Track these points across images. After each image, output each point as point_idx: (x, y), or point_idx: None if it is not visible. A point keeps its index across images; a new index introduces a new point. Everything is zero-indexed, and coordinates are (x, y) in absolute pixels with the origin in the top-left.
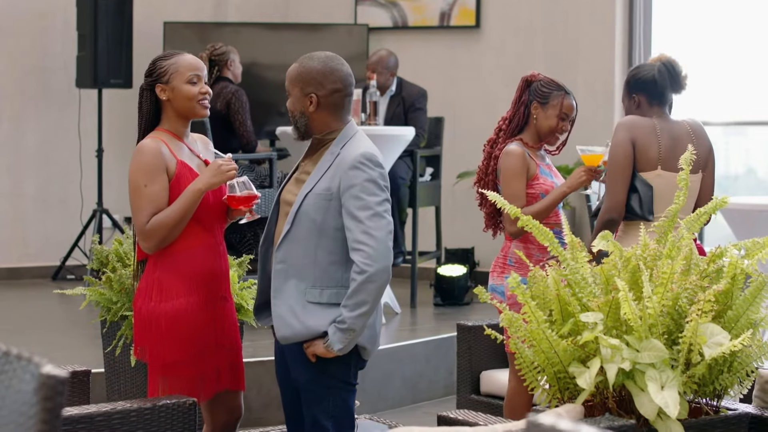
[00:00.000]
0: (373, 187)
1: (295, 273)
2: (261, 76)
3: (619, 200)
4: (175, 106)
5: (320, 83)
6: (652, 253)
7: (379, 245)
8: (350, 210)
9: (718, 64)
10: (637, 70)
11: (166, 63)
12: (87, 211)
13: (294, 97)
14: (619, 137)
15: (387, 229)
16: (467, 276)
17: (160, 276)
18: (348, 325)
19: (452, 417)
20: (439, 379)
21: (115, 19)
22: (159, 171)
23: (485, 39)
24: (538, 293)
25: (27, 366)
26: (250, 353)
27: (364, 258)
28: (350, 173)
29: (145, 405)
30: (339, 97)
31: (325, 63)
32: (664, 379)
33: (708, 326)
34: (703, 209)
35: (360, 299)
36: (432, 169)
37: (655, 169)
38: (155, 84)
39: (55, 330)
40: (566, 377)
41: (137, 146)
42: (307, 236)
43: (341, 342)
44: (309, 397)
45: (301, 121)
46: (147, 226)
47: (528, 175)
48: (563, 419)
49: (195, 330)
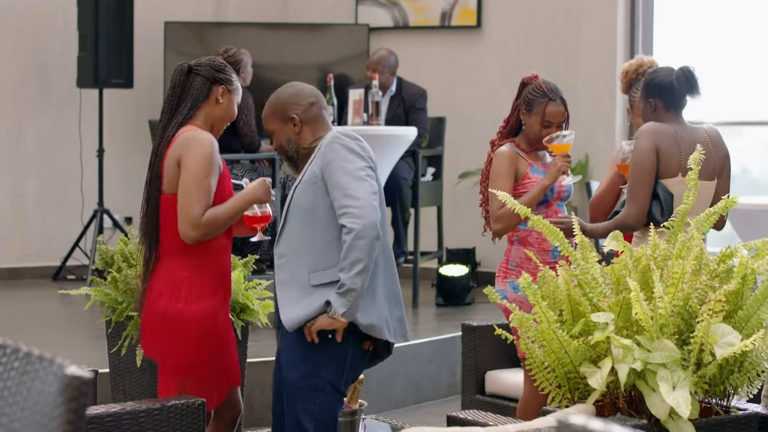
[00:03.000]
0: (350, 155)
1: (295, 263)
2: (261, 76)
3: (644, 208)
4: (216, 113)
5: (295, 103)
6: (663, 254)
7: (363, 203)
8: (333, 180)
9: (714, 64)
10: (654, 74)
11: (235, 77)
12: (87, 211)
13: (278, 132)
14: (643, 145)
15: (370, 190)
16: (469, 276)
17: (190, 276)
18: (348, 286)
19: (462, 417)
20: (442, 379)
21: (115, 19)
22: (217, 166)
23: (486, 39)
24: (548, 293)
25: (50, 367)
26: (254, 353)
27: (350, 219)
28: (327, 150)
29: (155, 405)
30: (316, 108)
31: (291, 86)
32: (676, 379)
33: (719, 326)
34: (713, 209)
35: (353, 258)
36: (433, 169)
37: (675, 176)
38: (219, 83)
39: (57, 330)
40: (577, 377)
41: (197, 135)
42: (301, 225)
43: (344, 305)
44: (295, 395)
45: (291, 148)
46: (203, 218)
47: (517, 175)
48: (594, 419)
49: (222, 331)
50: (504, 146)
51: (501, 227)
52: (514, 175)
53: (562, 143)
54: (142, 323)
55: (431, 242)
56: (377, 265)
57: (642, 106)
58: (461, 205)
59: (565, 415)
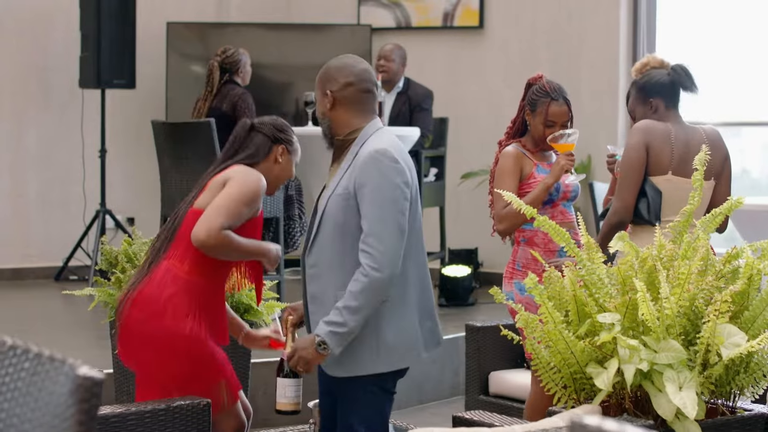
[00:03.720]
0: (385, 183)
1: (326, 276)
2: (263, 77)
3: (629, 203)
4: (275, 171)
5: (334, 78)
6: (669, 254)
7: (388, 249)
8: (364, 208)
9: (714, 65)
10: (649, 77)
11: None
12: (90, 211)
13: (318, 100)
14: (633, 141)
15: (398, 236)
16: (471, 277)
17: (177, 293)
18: (349, 329)
19: (468, 418)
20: (445, 380)
21: (117, 20)
22: (256, 204)
23: (489, 39)
24: (554, 294)
25: (61, 367)
26: (257, 354)
27: (371, 262)
28: (363, 171)
29: (160, 406)
30: (353, 91)
31: (341, 59)
32: (682, 379)
33: (725, 327)
34: (718, 209)
35: (362, 303)
36: (436, 169)
37: (665, 174)
38: (280, 142)
39: (60, 331)
40: (582, 378)
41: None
42: (333, 238)
43: (340, 345)
44: (345, 399)
45: (324, 123)
46: (222, 232)
47: (522, 175)
48: (608, 420)
49: (196, 352)
50: (510, 146)
51: (504, 227)
52: (519, 174)
53: (567, 142)
54: (121, 330)
55: (434, 243)
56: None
57: (640, 109)
58: (464, 205)
59: (578, 416)
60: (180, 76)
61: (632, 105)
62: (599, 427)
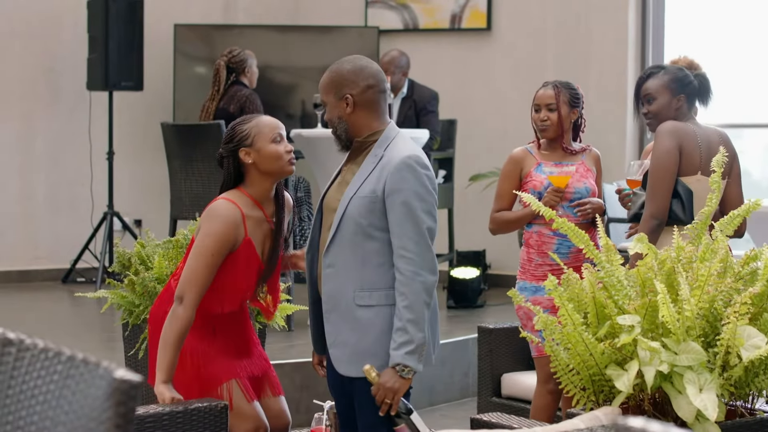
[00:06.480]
0: (422, 191)
1: (343, 276)
2: (270, 79)
3: (665, 205)
4: (261, 168)
5: (353, 82)
6: (687, 256)
7: (426, 254)
8: (396, 215)
9: (715, 66)
10: (684, 72)
11: (247, 126)
12: (97, 213)
13: (330, 106)
14: (667, 144)
15: (431, 237)
16: (480, 278)
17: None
18: (418, 342)
19: (486, 420)
20: (455, 382)
21: (125, 22)
22: (228, 246)
23: (496, 41)
24: (573, 296)
25: (96, 370)
26: (269, 356)
27: (413, 267)
28: (397, 176)
29: (177, 408)
30: (373, 93)
31: (354, 62)
32: (703, 381)
33: (745, 329)
34: (736, 211)
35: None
36: (444, 171)
37: (695, 174)
38: (238, 149)
39: (69, 333)
40: (601, 380)
41: (216, 206)
42: (353, 239)
43: (419, 361)
44: (362, 398)
45: (341, 127)
46: (188, 294)
47: (522, 174)
48: (653, 422)
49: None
50: (517, 148)
51: (492, 228)
52: (518, 175)
53: (562, 174)
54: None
55: (442, 245)
56: None
57: (666, 99)
58: (472, 207)
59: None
60: (187, 79)
61: (658, 89)
62: (644, 429)
